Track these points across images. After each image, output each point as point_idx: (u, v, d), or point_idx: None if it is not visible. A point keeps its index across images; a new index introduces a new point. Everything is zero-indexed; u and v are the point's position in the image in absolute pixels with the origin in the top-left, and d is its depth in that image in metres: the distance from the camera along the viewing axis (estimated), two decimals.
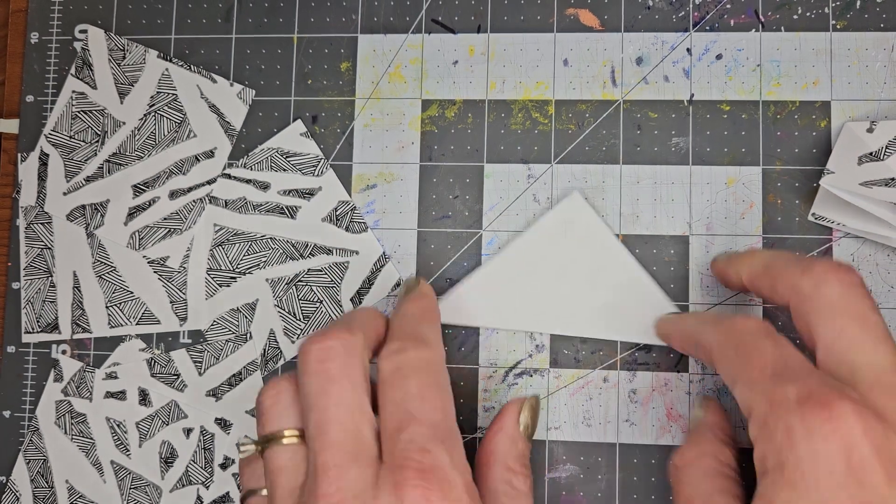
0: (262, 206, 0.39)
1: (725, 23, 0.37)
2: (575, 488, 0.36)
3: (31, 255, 0.39)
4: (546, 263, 0.36)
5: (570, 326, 0.36)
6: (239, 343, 0.38)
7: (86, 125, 0.40)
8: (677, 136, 0.37)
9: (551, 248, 0.36)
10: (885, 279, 0.35)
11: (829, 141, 0.36)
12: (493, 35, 0.38)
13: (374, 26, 0.39)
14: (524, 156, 0.38)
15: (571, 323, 0.36)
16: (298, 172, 0.38)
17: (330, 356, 0.28)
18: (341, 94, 0.39)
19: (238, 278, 0.38)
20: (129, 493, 0.38)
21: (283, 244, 0.38)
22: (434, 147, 0.38)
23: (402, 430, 0.26)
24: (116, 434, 0.38)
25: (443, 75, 0.38)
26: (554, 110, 0.38)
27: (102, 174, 0.39)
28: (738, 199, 0.36)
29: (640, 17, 0.38)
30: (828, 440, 0.23)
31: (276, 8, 0.39)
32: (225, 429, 0.38)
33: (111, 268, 0.39)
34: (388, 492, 0.25)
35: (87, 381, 0.39)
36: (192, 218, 0.39)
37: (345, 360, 0.28)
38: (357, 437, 0.26)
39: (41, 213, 0.39)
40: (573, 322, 0.36)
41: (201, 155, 0.39)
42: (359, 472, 0.26)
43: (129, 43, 0.40)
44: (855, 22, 0.37)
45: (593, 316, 0.35)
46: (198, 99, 0.39)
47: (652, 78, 0.37)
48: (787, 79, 0.37)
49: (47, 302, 0.39)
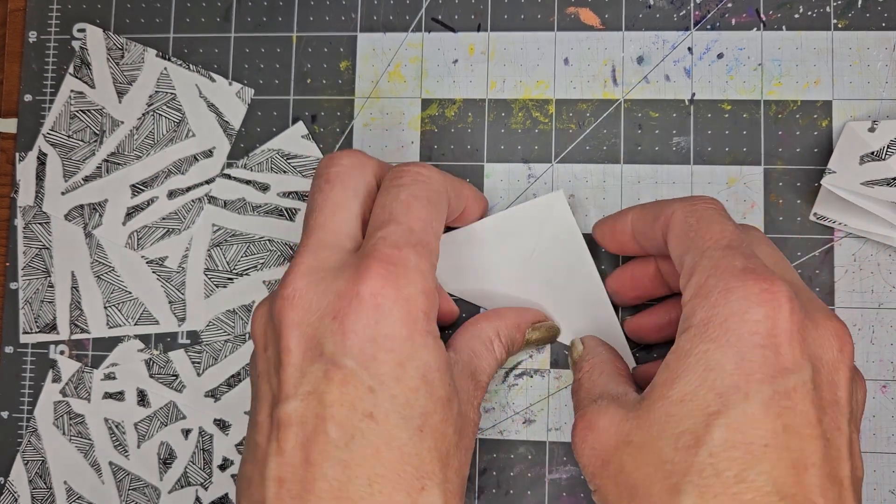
0: (261, 208, 0.38)
1: (726, 22, 0.37)
2: (576, 489, 0.36)
3: (30, 255, 0.39)
4: (512, 246, 0.35)
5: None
6: (238, 344, 0.38)
7: (84, 124, 0.39)
8: (678, 135, 0.37)
9: (522, 234, 0.35)
10: (886, 279, 0.35)
11: (831, 140, 0.36)
12: (493, 34, 0.38)
13: (373, 25, 0.39)
14: (525, 155, 0.37)
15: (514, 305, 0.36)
16: (299, 175, 0.38)
17: (334, 163, 0.30)
18: (341, 94, 0.39)
19: (235, 279, 0.38)
20: (128, 494, 0.38)
21: (282, 246, 0.38)
22: (434, 146, 0.38)
23: (379, 229, 0.28)
24: (115, 435, 0.38)
25: (443, 74, 0.38)
26: (554, 109, 0.37)
27: (101, 174, 0.39)
28: (739, 199, 0.36)
29: (640, 15, 0.37)
30: (760, 306, 0.24)
31: (276, 7, 0.39)
32: (224, 430, 0.38)
33: (109, 268, 0.39)
34: (350, 274, 0.27)
35: (85, 382, 0.38)
36: (191, 218, 0.39)
37: (347, 170, 0.30)
38: (334, 230, 0.29)
39: (39, 213, 0.39)
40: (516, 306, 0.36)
41: (200, 154, 0.39)
42: (327, 254, 0.28)
43: (127, 42, 0.40)
44: (856, 21, 0.36)
45: (537, 307, 0.35)
46: (196, 98, 0.39)
47: (653, 77, 0.37)
48: (788, 78, 0.37)
49: (45, 302, 0.39)
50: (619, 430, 0.26)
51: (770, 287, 0.25)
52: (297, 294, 0.27)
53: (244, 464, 0.28)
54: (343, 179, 0.30)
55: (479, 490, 0.36)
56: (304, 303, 0.27)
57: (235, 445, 0.38)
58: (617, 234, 0.33)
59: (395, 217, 0.28)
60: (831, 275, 0.36)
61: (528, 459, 0.36)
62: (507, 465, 0.36)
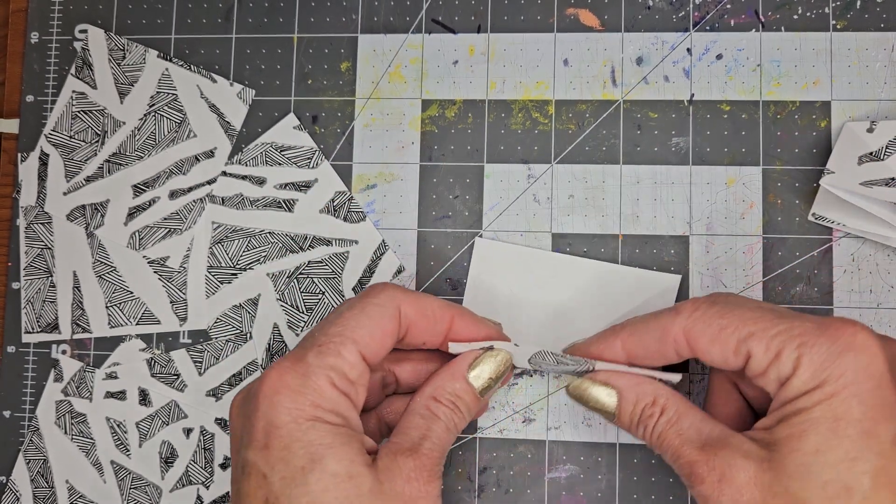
0: (259, 201, 0.39)
1: (725, 23, 0.37)
2: (575, 488, 0.36)
3: (31, 255, 0.39)
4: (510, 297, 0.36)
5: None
6: (239, 343, 0.38)
7: (86, 125, 0.40)
8: (677, 136, 0.37)
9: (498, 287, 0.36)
10: (885, 279, 0.35)
11: (830, 141, 0.36)
12: (493, 35, 0.38)
13: (374, 26, 0.39)
14: (524, 156, 0.38)
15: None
16: (294, 165, 0.39)
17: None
18: (341, 94, 0.39)
19: (239, 274, 0.38)
20: (129, 493, 0.38)
21: (283, 238, 0.38)
22: (434, 147, 0.38)
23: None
24: (116, 434, 0.38)
25: (443, 75, 0.38)
26: (554, 110, 0.38)
27: (102, 174, 0.39)
28: (738, 199, 0.36)
29: (640, 17, 0.38)
30: (861, 353, 0.27)
31: (276, 8, 0.39)
32: (225, 429, 0.38)
33: (111, 268, 0.39)
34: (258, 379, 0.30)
35: (87, 381, 0.39)
36: (192, 218, 0.39)
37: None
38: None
39: (41, 213, 0.39)
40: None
41: (201, 155, 0.39)
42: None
43: (129, 43, 0.40)
44: (855, 22, 0.37)
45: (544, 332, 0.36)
46: (198, 99, 0.39)
47: (652, 78, 0.37)
48: (787, 79, 0.37)
49: (47, 302, 0.39)
50: (759, 481, 0.27)
51: (854, 330, 0.27)
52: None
53: None
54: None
55: (478, 489, 0.36)
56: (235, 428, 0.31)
57: None
58: (605, 356, 0.32)
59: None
60: (830, 275, 0.36)
61: (527, 458, 0.36)
62: (507, 463, 0.36)
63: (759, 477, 0.27)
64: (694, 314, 0.29)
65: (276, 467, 0.27)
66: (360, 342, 0.29)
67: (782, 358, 0.28)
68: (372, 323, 0.30)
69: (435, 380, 0.31)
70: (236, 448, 0.30)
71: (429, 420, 0.30)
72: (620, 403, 0.31)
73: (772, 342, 0.28)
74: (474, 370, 0.32)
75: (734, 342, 0.28)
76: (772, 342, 0.28)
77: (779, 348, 0.28)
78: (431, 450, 0.29)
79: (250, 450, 0.28)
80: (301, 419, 0.28)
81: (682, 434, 0.29)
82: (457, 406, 0.31)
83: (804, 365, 0.27)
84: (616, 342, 0.31)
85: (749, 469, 0.27)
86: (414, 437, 0.30)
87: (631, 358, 0.31)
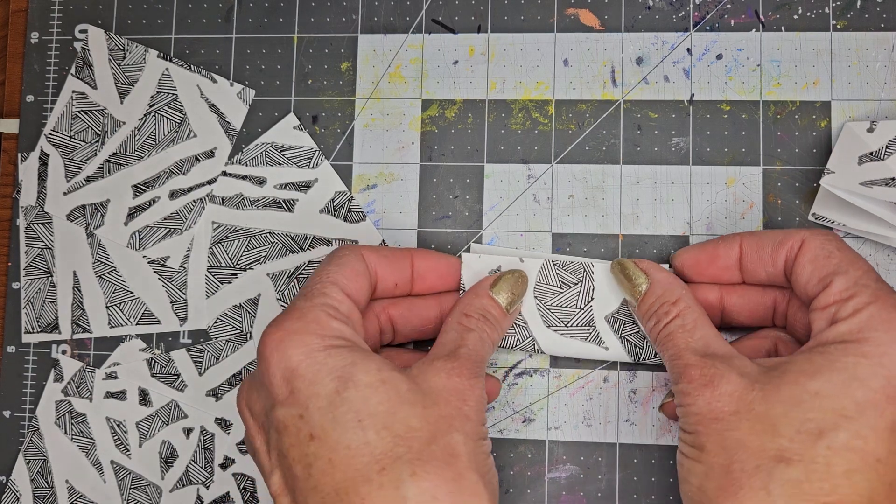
0: (259, 201, 0.39)
1: (726, 23, 0.37)
2: (575, 488, 0.36)
3: (32, 255, 0.39)
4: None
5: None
6: (239, 343, 0.38)
7: (86, 125, 0.40)
8: (677, 136, 0.37)
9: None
10: (884, 279, 0.35)
11: (830, 141, 0.36)
12: (493, 35, 0.38)
13: (374, 26, 0.39)
14: (524, 156, 0.38)
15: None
16: (294, 165, 0.39)
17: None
18: (341, 94, 0.39)
19: (239, 274, 0.38)
20: (129, 492, 0.38)
21: (283, 238, 0.38)
22: (434, 147, 0.38)
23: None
24: (116, 434, 0.38)
25: (443, 75, 0.38)
26: (554, 110, 0.38)
27: (102, 174, 0.39)
28: (738, 199, 0.36)
29: (640, 17, 0.38)
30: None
31: (276, 8, 0.39)
32: (225, 429, 0.38)
33: (111, 268, 0.39)
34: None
35: (87, 381, 0.39)
36: (193, 218, 0.39)
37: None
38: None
39: (41, 213, 0.39)
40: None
41: (201, 155, 0.39)
42: None
43: (129, 43, 0.40)
44: (855, 22, 0.37)
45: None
46: (198, 99, 0.39)
47: (652, 78, 0.37)
48: (787, 79, 0.37)
49: (47, 302, 0.39)
50: (742, 397, 0.28)
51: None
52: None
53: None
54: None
55: None
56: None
57: (236, 444, 0.38)
58: (718, 261, 0.33)
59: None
60: None
61: (527, 458, 0.36)
62: (507, 463, 0.36)
63: (744, 394, 0.28)
64: (815, 233, 0.31)
65: (310, 403, 0.28)
66: (339, 283, 0.31)
67: (850, 301, 0.29)
68: (345, 268, 0.32)
69: (461, 302, 0.33)
70: (259, 426, 0.30)
71: (462, 332, 0.32)
72: (649, 290, 0.33)
73: (853, 285, 0.29)
74: (495, 287, 0.33)
75: (829, 270, 0.30)
76: (853, 285, 0.29)
77: (853, 292, 0.29)
78: (468, 355, 0.31)
79: (276, 409, 0.29)
80: (314, 352, 0.29)
81: (690, 341, 0.31)
82: (486, 319, 0.33)
83: (859, 316, 0.28)
84: (736, 239, 0.33)
85: (738, 384, 0.28)
86: (449, 347, 0.31)
87: (744, 258, 0.33)
